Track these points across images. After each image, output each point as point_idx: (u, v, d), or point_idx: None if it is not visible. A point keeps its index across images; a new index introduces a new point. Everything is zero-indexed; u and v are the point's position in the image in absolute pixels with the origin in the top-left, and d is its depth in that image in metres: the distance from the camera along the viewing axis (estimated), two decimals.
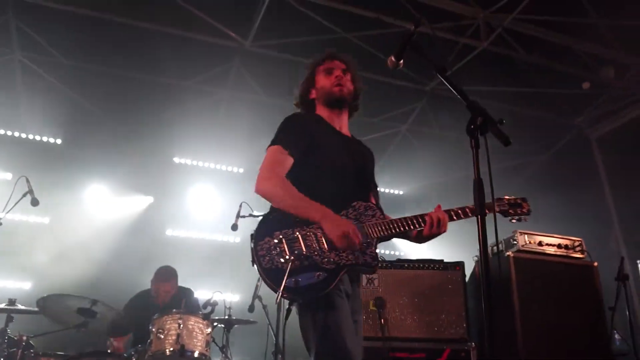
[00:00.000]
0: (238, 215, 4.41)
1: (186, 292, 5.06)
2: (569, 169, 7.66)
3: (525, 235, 4.27)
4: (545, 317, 4.01)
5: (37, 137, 7.08)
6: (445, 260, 4.30)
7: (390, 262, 4.29)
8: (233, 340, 4.67)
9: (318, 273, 2.14)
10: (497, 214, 2.41)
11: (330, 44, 6.24)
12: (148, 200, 7.47)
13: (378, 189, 2.67)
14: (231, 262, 6.86)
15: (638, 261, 5.38)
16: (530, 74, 6.84)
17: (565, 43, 6.30)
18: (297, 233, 2.20)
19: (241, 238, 7.33)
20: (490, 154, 1.92)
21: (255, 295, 4.55)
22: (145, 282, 5.04)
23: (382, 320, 3.97)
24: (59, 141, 7.16)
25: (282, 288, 2.04)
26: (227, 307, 4.59)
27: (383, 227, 2.33)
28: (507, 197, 2.59)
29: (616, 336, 4.80)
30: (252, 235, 2.24)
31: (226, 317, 4.54)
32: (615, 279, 4.23)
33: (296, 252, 2.15)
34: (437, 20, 5.92)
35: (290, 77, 6.52)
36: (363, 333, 2.98)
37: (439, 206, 2.42)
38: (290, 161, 2.36)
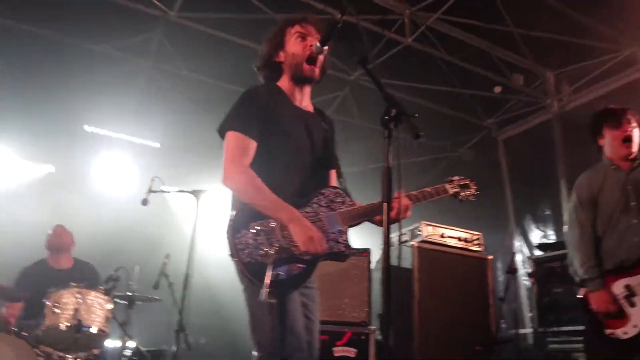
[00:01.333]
0: (149, 190, 4.29)
1: (85, 266, 4.87)
2: (477, 167, 8.12)
3: (430, 227, 4.50)
4: (442, 304, 4.27)
5: None
6: (353, 246, 4.42)
7: None
8: (135, 318, 4.56)
9: (297, 265, 2.12)
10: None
11: (259, 24, 6.20)
12: (48, 168, 7.00)
13: (340, 166, 2.52)
14: (137, 238, 6.65)
15: (529, 257, 5.80)
16: (449, 73, 7.14)
17: (482, 47, 6.64)
18: (274, 224, 2.14)
19: (151, 214, 7.09)
20: (405, 148, 2.00)
21: (162, 273, 4.47)
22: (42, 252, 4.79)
23: None
24: None
25: (267, 285, 1.95)
26: (131, 283, 4.46)
27: (354, 214, 2.30)
28: (457, 177, 2.63)
29: (503, 324, 5.20)
30: (228, 226, 2.14)
31: (129, 293, 4.42)
32: (505, 272, 4.55)
33: (275, 244, 2.09)
34: (365, 12, 6.02)
35: (215, 54, 6.39)
36: None
37: (400, 191, 2.29)
38: (253, 146, 2.27)
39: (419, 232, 4.46)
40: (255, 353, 2.17)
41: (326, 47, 2.38)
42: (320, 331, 4.04)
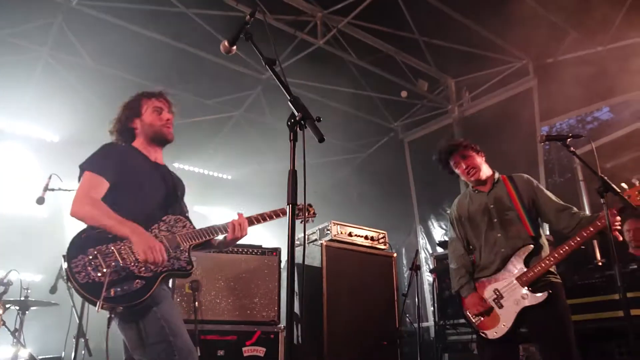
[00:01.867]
0: (46, 188, 4.03)
1: None
2: (384, 167, 8.43)
3: (338, 226, 4.61)
4: (350, 300, 4.39)
5: None
6: (263, 246, 4.44)
7: None
8: (29, 324, 4.28)
9: (137, 281, 2.30)
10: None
11: (170, 17, 6.03)
12: None
13: (188, 214, 2.79)
14: (34, 239, 6.22)
15: (431, 254, 6.12)
16: (359, 77, 7.35)
17: (390, 53, 6.90)
18: (112, 247, 2.33)
19: (48, 214, 6.66)
20: (315, 148, 2.06)
21: (59, 276, 4.21)
22: None
23: (197, 303, 3.97)
24: None
25: (101, 299, 2.15)
26: (25, 287, 4.17)
27: (193, 235, 2.57)
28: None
29: (406, 318, 5.45)
30: (64, 255, 2.27)
31: (22, 298, 4.13)
32: (409, 268, 4.78)
33: (113, 264, 2.28)
34: (279, 12, 6.05)
35: (121, 45, 6.11)
36: None
37: (240, 214, 2.75)
38: (105, 185, 2.50)
39: (327, 231, 4.56)
40: None
41: (234, 47, 2.40)
42: (230, 331, 4.05)
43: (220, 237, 2.73)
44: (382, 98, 7.91)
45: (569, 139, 3.16)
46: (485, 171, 3.40)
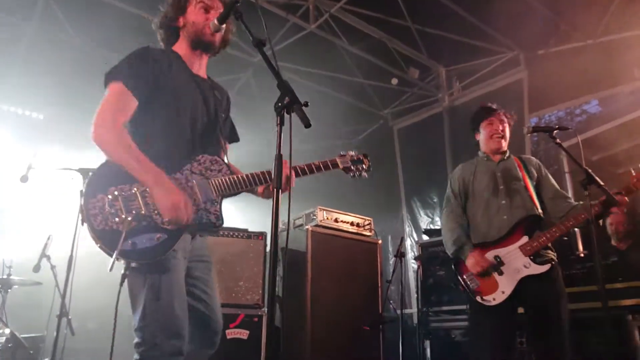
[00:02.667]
0: (29, 167, 3.98)
1: None
2: (374, 155, 8.42)
3: (324, 212, 4.63)
4: (334, 286, 4.42)
5: None
6: (249, 230, 4.45)
7: None
8: (12, 303, 4.26)
9: (158, 235, 2.00)
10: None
11: None
12: None
13: (227, 146, 2.49)
14: (17, 218, 6.15)
15: (417, 242, 6.16)
16: (350, 63, 7.31)
17: (382, 39, 6.86)
18: (135, 189, 2.02)
19: (32, 191, 6.58)
20: (303, 134, 2.05)
21: (43, 255, 4.19)
22: None
23: None
24: None
25: (115, 254, 1.88)
26: (7, 266, 4.14)
27: (229, 184, 2.20)
28: (351, 152, 2.72)
29: (390, 305, 5.49)
30: (81, 191, 1.99)
31: (4, 276, 4.10)
32: (394, 255, 4.81)
33: (133, 211, 1.98)
34: None
35: (110, 23, 6.01)
36: None
37: (285, 162, 2.08)
38: (134, 105, 2.14)
39: (314, 217, 4.57)
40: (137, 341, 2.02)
41: (224, 25, 2.37)
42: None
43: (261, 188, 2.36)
44: (373, 85, 7.89)
45: (555, 131, 3.20)
46: (504, 145, 3.43)
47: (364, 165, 2.70)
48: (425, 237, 6.13)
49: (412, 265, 6.98)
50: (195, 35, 2.39)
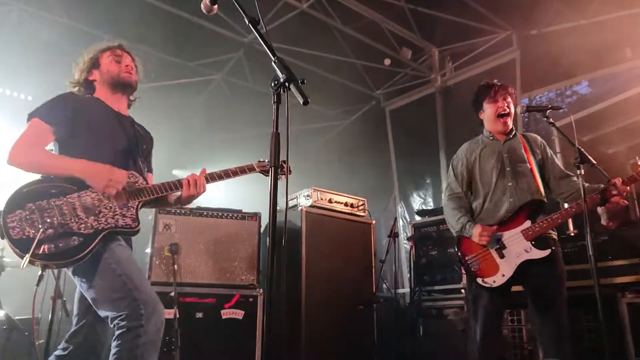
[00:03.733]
0: None
1: None
2: (366, 135, 8.43)
3: (318, 192, 4.63)
4: (328, 265, 4.44)
5: None
6: (244, 211, 4.44)
7: (190, 209, 4.29)
8: (5, 285, 4.24)
9: (74, 238, 2.23)
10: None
11: None
12: None
13: (147, 172, 2.76)
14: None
15: (409, 222, 6.20)
16: (342, 43, 7.26)
17: (374, 19, 6.81)
18: (53, 202, 2.27)
19: (24, 173, 6.52)
20: (296, 115, 2.04)
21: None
22: None
23: (176, 266, 3.98)
24: None
25: (28, 255, 2.13)
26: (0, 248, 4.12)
27: (143, 192, 2.49)
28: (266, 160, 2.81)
29: (384, 285, 5.55)
30: (2, 211, 2.22)
31: None
32: (387, 236, 4.84)
33: (49, 220, 2.22)
34: None
35: (100, 2, 5.92)
36: (156, 278, 3.83)
37: (203, 170, 2.71)
38: (50, 138, 2.45)
39: (308, 197, 4.57)
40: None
41: (215, 7, 2.35)
42: (209, 294, 4.07)
43: (178, 193, 2.64)
44: (365, 65, 7.84)
45: (548, 110, 3.21)
46: (510, 123, 3.35)
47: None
48: (417, 218, 6.17)
49: (405, 245, 7.03)
50: (113, 80, 2.71)
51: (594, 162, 3.02)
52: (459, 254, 3.23)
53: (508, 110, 3.32)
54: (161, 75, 7.20)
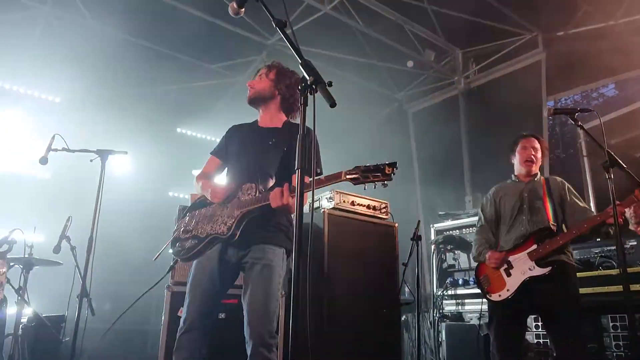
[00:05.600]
0: (49, 148, 4.00)
1: None
2: (388, 137, 8.39)
3: (341, 195, 4.61)
4: (350, 269, 4.41)
5: None
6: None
7: None
8: (34, 283, 4.32)
9: (191, 240, 2.77)
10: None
11: None
12: None
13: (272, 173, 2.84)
14: (37, 199, 6.23)
15: (431, 226, 6.15)
16: (365, 44, 7.25)
17: (397, 21, 6.78)
18: (191, 213, 2.90)
19: (51, 174, 6.66)
20: (319, 117, 2.03)
21: (63, 236, 4.23)
22: None
23: None
24: None
25: (160, 251, 3.24)
26: (29, 246, 4.20)
27: (245, 204, 2.67)
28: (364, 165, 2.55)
29: (406, 288, 5.51)
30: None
31: (26, 256, 4.16)
32: (410, 239, 4.80)
33: (184, 225, 2.86)
34: None
35: (124, 5, 6.00)
36: (180, 278, 3.97)
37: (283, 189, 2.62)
38: (215, 162, 3.08)
39: (330, 200, 4.56)
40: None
41: (243, 9, 2.36)
42: (231, 295, 4.09)
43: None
44: (388, 67, 7.81)
45: (577, 113, 3.17)
46: (534, 169, 3.77)
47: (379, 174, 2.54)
48: (440, 222, 6.13)
49: (428, 248, 6.98)
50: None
51: (624, 165, 2.96)
52: (475, 274, 3.76)
53: (534, 159, 3.76)
54: (183, 77, 7.29)
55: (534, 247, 3.46)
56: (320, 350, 3.85)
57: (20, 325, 4.13)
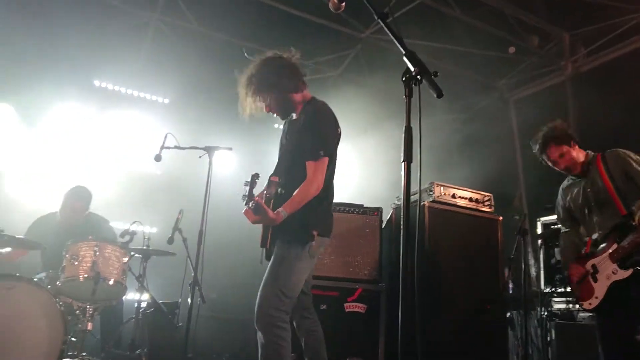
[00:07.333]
0: (162, 146, 4.29)
1: (99, 220, 4.95)
2: (487, 127, 8.06)
3: (441, 187, 4.52)
4: (452, 263, 4.32)
5: None
6: (365, 205, 4.47)
7: None
8: (150, 271, 4.66)
9: None
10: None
11: None
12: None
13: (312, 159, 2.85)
14: (150, 194, 6.71)
15: (538, 219, 5.84)
16: (461, 32, 6.99)
17: (498, 6, 6.48)
18: None
19: (162, 170, 7.14)
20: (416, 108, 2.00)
21: (176, 228, 4.52)
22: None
23: None
24: None
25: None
26: (146, 237, 4.53)
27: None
28: None
29: (510, 284, 5.29)
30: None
31: (144, 247, 4.50)
32: (516, 233, 4.58)
33: None
34: None
35: (226, 7, 6.26)
36: None
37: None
38: None
39: (431, 192, 4.48)
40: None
41: (343, 4, 2.40)
42: (333, 287, 4.16)
43: None
44: (487, 55, 7.48)
45: None
46: (576, 157, 3.55)
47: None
48: (547, 215, 5.80)
49: (534, 243, 6.64)
50: None
51: None
52: (567, 281, 3.78)
53: (556, 159, 3.60)
54: None
55: (614, 246, 3.23)
56: (423, 346, 3.81)
57: (140, 311, 4.48)
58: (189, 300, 3.94)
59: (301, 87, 3.04)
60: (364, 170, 7.91)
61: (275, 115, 3.08)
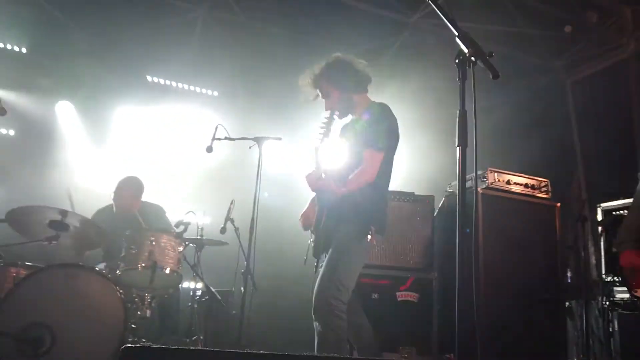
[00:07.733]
0: (213, 138, 4.36)
1: (156, 210, 5.08)
2: (542, 111, 7.75)
3: (495, 173, 4.39)
4: (507, 251, 4.21)
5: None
6: (415, 193, 4.40)
7: None
8: (203, 260, 4.77)
9: None
10: None
11: None
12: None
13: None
14: (203, 185, 6.85)
15: (598, 205, 5.59)
16: (513, 11, 6.73)
17: None
18: None
19: (215, 162, 7.27)
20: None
21: (228, 218, 4.60)
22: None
23: None
24: (24, 50, 6.77)
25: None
26: (199, 227, 4.63)
27: None
28: None
29: (568, 273, 5.09)
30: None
31: (198, 237, 4.60)
32: (575, 220, 4.41)
33: None
34: None
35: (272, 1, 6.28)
36: None
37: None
38: None
39: (484, 179, 4.36)
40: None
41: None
42: (384, 276, 4.13)
43: None
44: (541, 34, 7.17)
45: None
46: None
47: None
48: (608, 202, 5.53)
49: (594, 230, 6.37)
50: None
51: None
52: (619, 266, 3.50)
53: None
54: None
55: None
56: (480, 336, 3.73)
57: (195, 299, 4.59)
58: (242, 288, 4.01)
59: (364, 90, 3.26)
60: (414, 157, 7.79)
61: (335, 113, 3.14)
